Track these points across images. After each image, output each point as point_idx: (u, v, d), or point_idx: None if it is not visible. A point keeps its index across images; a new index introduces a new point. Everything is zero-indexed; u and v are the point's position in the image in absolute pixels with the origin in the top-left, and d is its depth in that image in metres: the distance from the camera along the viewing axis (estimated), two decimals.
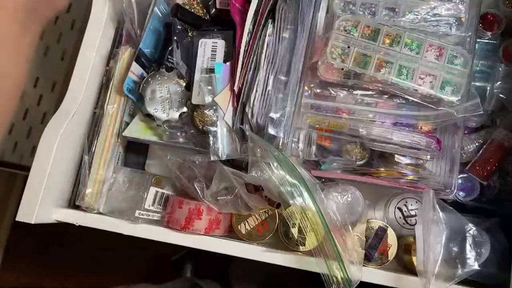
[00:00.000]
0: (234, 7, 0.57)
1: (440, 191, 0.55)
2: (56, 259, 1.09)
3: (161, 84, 0.59)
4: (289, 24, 0.56)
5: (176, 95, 0.59)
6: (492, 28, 0.62)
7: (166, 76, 0.59)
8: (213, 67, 0.56)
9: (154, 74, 0.59)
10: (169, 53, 0.61)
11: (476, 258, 0.52)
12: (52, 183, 0.55)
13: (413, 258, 0.56)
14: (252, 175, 0.53)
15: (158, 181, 0.62)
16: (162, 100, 0.59)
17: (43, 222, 0.55)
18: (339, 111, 0.57)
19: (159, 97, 0.59)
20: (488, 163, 0.59)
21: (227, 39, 0.58)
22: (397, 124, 0.56)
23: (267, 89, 0.54)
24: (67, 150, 0.58)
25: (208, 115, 0.56)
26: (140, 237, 0.56)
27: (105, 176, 0.60)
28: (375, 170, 0.56)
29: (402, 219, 0.60)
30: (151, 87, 0.59)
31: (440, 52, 0.55)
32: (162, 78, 0.59)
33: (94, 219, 0.57)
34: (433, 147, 0.55)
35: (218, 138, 0.55)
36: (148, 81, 0.59)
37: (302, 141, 0.57)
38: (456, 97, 0.54)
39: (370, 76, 0.55)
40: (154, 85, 0.58)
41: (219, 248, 0.55)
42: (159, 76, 0.59)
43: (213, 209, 0.56)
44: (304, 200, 0.52)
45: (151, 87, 0.59)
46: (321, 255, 0.52)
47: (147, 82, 0.59)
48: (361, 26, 0.56)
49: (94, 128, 0.61)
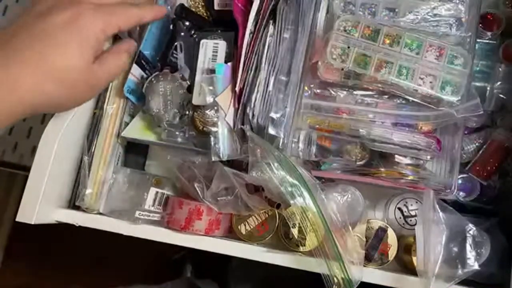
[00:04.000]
0: (237, 7, 0.57)
1: (440, 191, 0.55)
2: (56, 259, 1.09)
3: (164, 85, 0.58)
4: (289, 25, 0.56)
5: (178, 96, 0.58)
6: (492, 28, 0.62)
7: (169, 77, 0.59)
8: (214, 68, 0.56)
9: (157, 75, 0.59)
10: (175, 48, 0.61)
11: (476, 258, 0.52)
12: (52, 184, 0.55)
13: (413, 258, 0.56)
14: (252, 175, 0.53)
15: (158, 182, 0.62)
16: (164, 101, 0.58)
17: (43, 223, 0.55)
18: (339, 111, 0.57)
19: (161, 98, 0.59)
20: (488, 163, 0.60)
21: (228, 40, 0.58)
22: (397, 124, 0.56)
23: (267, 89, 0.54)
24: (67, 150, 0.58)
25: (209, 116, 0.56)
26: (140, 238, 0.56)
27: (105, 176, 0.60)
28: (375, 171, 0.56)
29: (402, 219, 0.60)
30: (154, 87, 0.58)
31: (440, 52, 0.55)
32: (165, 79, 0.59)
33: (94, 219, 0.57)
34: (433, 147, 0.55)
35: (219, 139, 0.55)
36: (152, 81, 0.58)
37: (302, 142, 0.57)
38: (456, 97, 0.54)
39: (370, 76, 0.55)
40: (157, 85, 0.58)
41: (219, 248, 0.55)
42: (162, 76, 0.59)
43: (213, 210, 0.56)
44: (304, 200, 0.52)
45: (154, 88, 0.58)
46: (321, 256, 0.52)
47: (150, 82, 0.58)
48: (361, 26, 0.56)
49: (94, 128, 0.61)
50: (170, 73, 0.59)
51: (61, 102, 0.47)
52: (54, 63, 0.44)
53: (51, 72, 0.44)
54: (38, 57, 0.44)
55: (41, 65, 0.43)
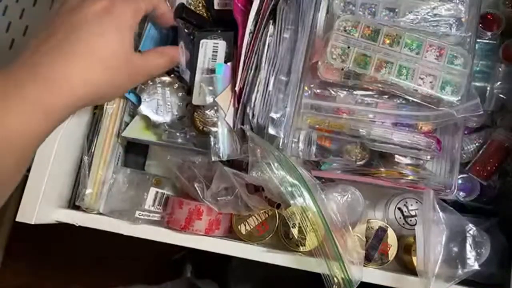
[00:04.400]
0: (237, 7, 0.57)
1: (440, 191, 0.55)
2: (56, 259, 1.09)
3: (162, 87, 0.58)
4: (289, 25, 0.56)
5: (176, 99, 0.58)
6: (492, 28, 0.62)
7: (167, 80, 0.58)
8: (214, 68, 0.56)
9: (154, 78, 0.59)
10: None
11: (476, 258, 0.52)
12: (52, 184, 0.55)
13: (413, 258, 0.56)
14: (252, 175, 0.53)
15: (158, 182, 0.62)
16: (162, 103, 0.58)
17: (43, 223, 0.55)
18: (339, 111, 0.57)
19: (157, 100, 0.59)
20: (488, 163, 0.60)
21: (228, 39, 0.58)
22: (397, 124, 0.56)
23: (267, 89, 0.54)
24: (67, 150, 0.58)
25: (209, 116, 0.56)
26: (140, 238, 0.56)
27: (105, 176, 0.60)
28: (375, 171, 0.56)
29: (402, 219, 0.60)
30: (150, 89, 0.58)
31: (440, 52, 0.55)
32: (163, 81, 0.59)
33: (94, 219, 0.57)
34: (433, 147, 0.55)
35: (219, 139, 0.55)
36: (147, 83, 0.58)
37: (302, 142, 0.57)
38: (456, 97, 0.54)
39: (370, 76, 0.55)
40: (153, 88, 0.58)
41: (219, 248, 0.55)
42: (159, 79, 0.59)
43: (213, 210, 0.56)
44: (304, 200, 0.52)
45: (150, 90, 0.58)
46: (321, 256, 0.52)
47: (146, 84, 0.58)
48: (361, 26, 0.56)
49: (94, 128, 0.61)
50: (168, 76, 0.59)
51: (106, 91, 0.47)
52: (99, 51, 0.45)
53: (97, 61, 0.45)
54: (83, 46, 0.44)
55: (87, 55, 0.44)
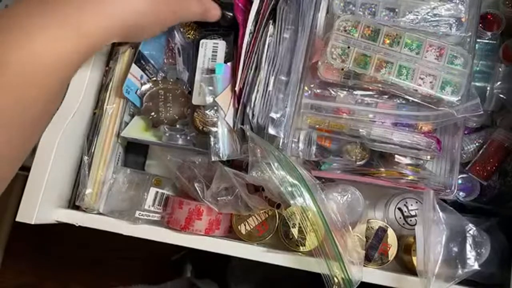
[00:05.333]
0: (237, 7, 0.57)
1: (440, 191, 0.55)
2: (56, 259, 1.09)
3: (162, 90, 0.58)
4: (289, 25, 0.56)
5: (177, 101, 0.58)
6: (492, 28, 0.62)
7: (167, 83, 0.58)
8: (214, 68, 0.56)
9: (155, 80, 0.59)
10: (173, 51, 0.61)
11: (476, 258, 0.52)
12: (52, 183, 0.55)
13: (413, 258, 0.56)
14: (253, 175, 0.53)
15: (158, 182, 0.62)
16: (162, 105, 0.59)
17: (43, 223, 0.55)
18: (339, 111, 0.57)
19: (158, 102, 0.59)
20: (488, 163, 0.60)
21: (228, 39, 0.58)
22: (397, 124, 0.56)
23: (267, 89, 0.54)
24: (67, 150, 0.58)
25: (209, 116, 0.56)
26: (140, 238, 0.56)
27: (105, 176, 0.60)
28: (375, 171, 0.56)
29: (402, 219, 0.60)
30: (151, 92, 0.58)
31: (440, 52, 0.55)
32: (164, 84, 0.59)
33: (94, 219, 0.57)
34: (433, 147, 0.55)
35: (219, 139, 0.55)
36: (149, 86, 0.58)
37: (302, 142, 0.57)
38: (456, 97, 0.54)
39: (370, 76, 0.55)
40: (154, 90, 0.58)
41: (219, 248, 0.55)
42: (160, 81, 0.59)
43: (213, 210, 0.56)
44: (304, 200, 0.52)
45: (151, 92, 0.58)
46: (321, 256, 0.52)
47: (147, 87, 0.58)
48: (361, 26, 0.56)
49: (94, 128, 0.61)
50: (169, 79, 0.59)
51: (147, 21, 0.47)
52: None
53: None
54: None
55: None
